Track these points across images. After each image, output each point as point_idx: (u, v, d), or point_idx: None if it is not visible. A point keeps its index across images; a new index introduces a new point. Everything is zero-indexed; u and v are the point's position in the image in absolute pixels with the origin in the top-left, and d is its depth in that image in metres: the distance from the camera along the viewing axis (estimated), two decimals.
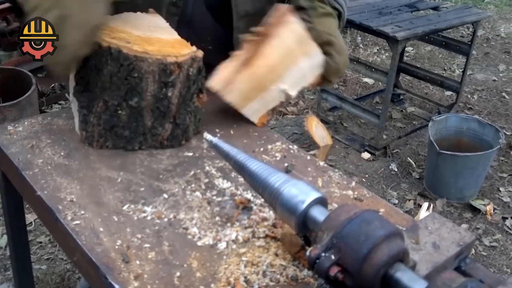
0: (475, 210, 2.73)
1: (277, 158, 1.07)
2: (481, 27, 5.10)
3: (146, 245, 0.80)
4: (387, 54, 4.56)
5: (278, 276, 0.76)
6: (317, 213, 0.73)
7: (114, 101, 0.98)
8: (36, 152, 1.02)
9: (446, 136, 2.90)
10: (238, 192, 0.94)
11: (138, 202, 0.90)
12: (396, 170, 3.04)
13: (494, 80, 4.31)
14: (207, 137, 0.90)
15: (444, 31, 3.36)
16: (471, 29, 4.60)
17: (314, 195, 0.75)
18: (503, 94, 4.06)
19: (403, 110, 3.74)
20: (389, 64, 3.27)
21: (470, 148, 2.82)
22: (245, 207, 0.91)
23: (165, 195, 0.92)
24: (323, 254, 0.66)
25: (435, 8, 3.59)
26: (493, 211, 2.73)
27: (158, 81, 0.97)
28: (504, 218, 2.68)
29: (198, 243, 0.82)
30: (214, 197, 0.93)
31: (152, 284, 0.73)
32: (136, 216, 0.87)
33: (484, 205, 2.75)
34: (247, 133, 1.15)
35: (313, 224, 0.73)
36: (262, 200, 0.90)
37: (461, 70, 3.83)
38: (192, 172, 0.99)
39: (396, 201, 2.77)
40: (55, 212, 0.85)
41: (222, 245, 0.82)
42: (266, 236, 0.84)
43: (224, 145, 0.87)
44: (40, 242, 2.25)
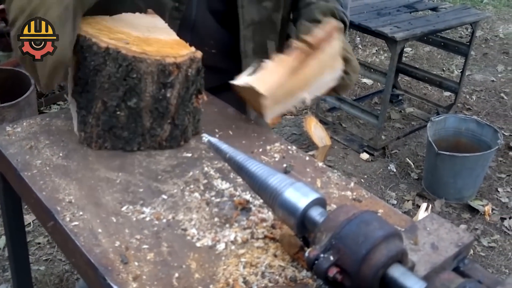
0: (473, 211, 2.73)
1: (276, 159, 1.07)
2: (480, 28, 5.11)
3: (145, 246, 0.80)
4: (385, 55, 4.56)
5: (277, 277, 0.76)
6: (316, 214, 0.73)
7: (112, 102, 0.98)
8: (34, 153, 1.01)
9: (445, 136, 2.91)
10: (237, 193, 0.94)
11: (136, 203, 0.90)
12: (394, 170, 3.05)
13: (493, 81, 4.32)
14: (206, 137, 0.90)
15: (442, 32, 3.37)
16: (469, 30, 4.60)
17: (313, 196, 0.75)
18: (502, 94, 4.07)
19: (402, 111, 3.74)
20: (387, 64, 3.28)
21: (469, 148, 2.82)
22: (244, 208, 0.91)
23: (163, 196, 0.92)
24: (322, 255, 0.66)
25: (434, 9, 3.60)
26: (492, 211, 2.73)
27: (157, 81, 0.97)
28: (502, 219, 2.69)
29: (197, 244, 0.82)
30: (213, 198, 0.93)
31: (151, 285, 0.73)
32: (135, 217, 0.86)
33: (483, 205, 2.75)
34: (246, 133, 1.15)
35: (312, 225, 0.73)
36: (261, 201, 0.90)
37: (460, 70, 3.84)
38: (191, 173, 0.99)
39: (395, 202, 2.77)
40: (53, 213, 0.85)
41: (221, 246, 0.82)
42: (265, 237, 0.84)
43: (223, 146, 0.87)
44: (39, 243, 2.25)
